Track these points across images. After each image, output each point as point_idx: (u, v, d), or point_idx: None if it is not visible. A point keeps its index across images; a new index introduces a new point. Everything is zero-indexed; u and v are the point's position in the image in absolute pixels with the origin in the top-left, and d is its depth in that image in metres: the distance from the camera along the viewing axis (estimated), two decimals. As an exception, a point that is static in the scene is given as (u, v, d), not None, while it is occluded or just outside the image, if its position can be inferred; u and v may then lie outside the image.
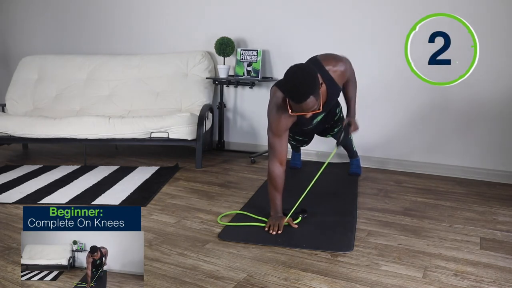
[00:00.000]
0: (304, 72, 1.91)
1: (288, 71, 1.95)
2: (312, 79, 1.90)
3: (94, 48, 4.38)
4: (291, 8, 3.53)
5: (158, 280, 1.66)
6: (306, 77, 1.89)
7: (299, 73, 1.91)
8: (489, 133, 3.06)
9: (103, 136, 3.29)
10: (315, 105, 1.95)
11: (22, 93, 4.09)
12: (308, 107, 1.93)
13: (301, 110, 1.97)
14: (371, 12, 3.27)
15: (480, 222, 2.28)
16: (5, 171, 3.19)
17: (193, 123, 3.30)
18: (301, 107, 1.93)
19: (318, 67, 2.10)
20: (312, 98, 1.90)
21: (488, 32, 2.89)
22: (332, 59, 2.19)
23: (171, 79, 3.83)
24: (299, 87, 1.88)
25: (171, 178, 3.04)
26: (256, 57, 3.63)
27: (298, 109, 1.97)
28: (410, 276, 1.71)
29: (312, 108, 1.95)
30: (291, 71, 1.93)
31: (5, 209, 2.42)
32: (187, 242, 2.01)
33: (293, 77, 1.91)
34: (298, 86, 1.88)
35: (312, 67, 1.99)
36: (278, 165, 2.18)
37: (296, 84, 1.89)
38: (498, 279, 1.69)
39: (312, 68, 1.98)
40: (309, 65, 2.01)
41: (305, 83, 1.88)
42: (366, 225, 2.22)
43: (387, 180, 3.06)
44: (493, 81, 2.98)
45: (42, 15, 4.65)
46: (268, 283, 1.65)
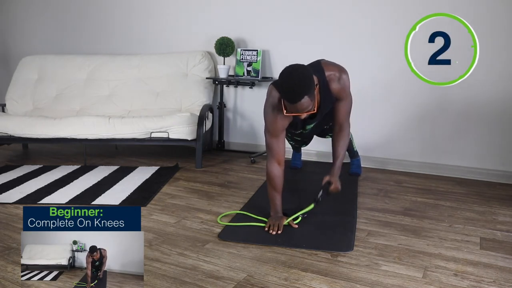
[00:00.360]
0: (299, 72, 1.91)
1: (283, 71, 1.94)
2: (307, 79, 1.90)
3: (94, 48, 4.38)
4: (291, 8, 3.53)
5: (158, 280, 1.66)
6: (301, 77, 1.89)
7: (294, 73, 1.91)
8: (489, 133, 3.06)
9: (103, 136, 3.29)
10: (309, 105, 1.94)
11: (22, 93, 4.09)
12: (303, 107, 1.92)
13: (295, 110, 1.95)
14: (371, 12, 3.27)
15: (480, 222, 2.28)
16: (5, 171, 3.19)
17: (193, 123, 3.30)
18: (296, 107, 1.92)
19: (317, 69, 2.09)
20: (307, 98, 1.89)
21: (488, 32, 2.89)
22: (334, 67, 2.17)
23: (171, 79, 3.83)
24: (294, 87, 1.87)
25: (171, 178, 3.04)
26: (256, 57, 3.63)
27: (293, 110, 1.96)
28: (410, 276, 1.71)
29: (307, 108, 1.94)
30: (287, 71, 1.93)
31: (5, 209, 2.42)
32: (187, 242, 2.01)
33: (289, 77, 1.90)
34: (293, 86, 1.88)
35: (307, 68, 1.97)
36: (276, 165, 2.18)
37: (291, 84, 1.88)
38: (498, 279, 1.69)
39: (307, 68, 1.96)
40: (305, 66, 1.99)
41: (300, 83, 1.87)
42: (366, 225, 2.22)
43: (387, 180, 3.06)
44: (493, 81, 2.98)
45: (42, 15, 4.65)
46: (268, 283, 1.65)
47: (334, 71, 2.14)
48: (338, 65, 2.20)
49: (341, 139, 2.30)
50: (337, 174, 2.27)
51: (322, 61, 2.19)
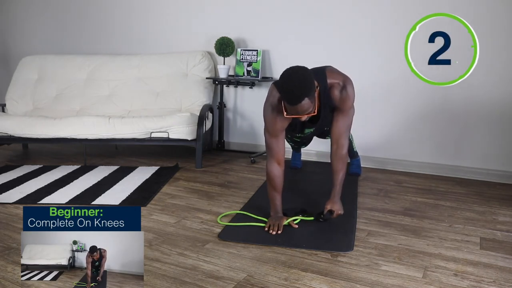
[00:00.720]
0: (299, 74, 1.91)
1: (284, 73, 1.95)
2: (308, 82, 1.90)
3: (94, 48, 4.38)
4: (291, 8, 3.53)
5: (158, 280, 1.66)
6: (301, 79, 1.89)
7: (295, 75, 1.91)
8: (489, 134, 3.06)
9: (103, 136, 3.29)
10: (310, 107, 1.94)
11: (22, 93, 4.09)
12: (303, 109, 1.92)
13: (295, 112, 1.95)
14: (371, 12, 3.27)
15: (480, 222, 2.28)
16: (5, 171, 3.19)
17: (193, 123, 3.30)
18: (296, 109, 1.92)
19: (320, 74, 2.09)
20: (307, 100, 1.89)
21: (488, 32, 2.89)
22: (338, 75, 2.15)
23: (171, 79, 3.83)
24: (294, 89, 1.88)
25: (171, 178, 3.04)
26: (256, 57, 3.63)
27: (293, 112, 1.96)
28: (410, 276, 1.71)
29: (307, 110, 1.94)
30: (287, 73, 1.94)
31: (5, 209, 2.41)
32: (187, 242, 2.01)
33: (289, 79, 1.91)
34: (293, 88, 1.88)
35: (308, 70, 1.97)
36: (276, 165, 2.18)
37: (291, 86, 1.88)
38: (498, 279, 1.69)
39: (308, 71, 1.96)
40: (305, 68, 1.99)
41: (301, 85, 1.88)
42: (366, 225, 2.22)
43: (387, 180, 3.06)
44: (493, 81, 2.98)
45: (42, 15, 4.65)
46: (268, 283, 1.64)
47: (338, 80, 2.13)
48: (343, 74, 2.18)
49: (339, 160, 2.20)
50: (338, 198, 2.20)
51: (328, 68, 2.18)
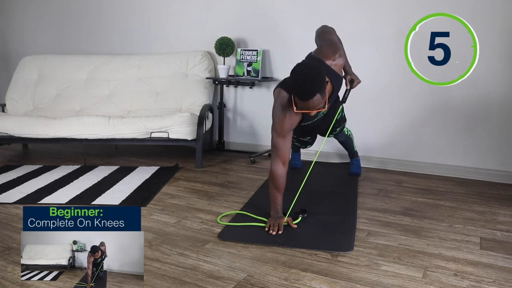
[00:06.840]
0: (311, 70, 1.93)
1: (295, 69, 1.97)
2: (320, 77, 1.93)
3: (94, 48, 4.39)
4: (291, 8, 3.53)
5: (158, 280, 1.66)
6: (314, 75, 1.92)
7: (307, 71, 1.93)
8: (489, 133, 3.06)
9: (103, 136, 3.29)
10: (320, 103, 1.98)
11: (22, 93, 4.09)
12: (314, 105, 1.96)
13: (306, 107, 1.99)
14: (371, 12, 3.27)
15: (480, 222, 2.28)
16: (5, 171, 3.19)
17: (193, 123, 3.30)
18: (307, 104, 1.96)
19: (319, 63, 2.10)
20: (319, 96, 1.93)
21: (488, 32, 2.89)
22: (330, 53, 2.18)
23: (171, 79, 3.83)
24: (306, 85, 1.90)
25: (171, 178, 3.04)
26: (256, 57, 3.63)
27: (304, 107, 1.99)
28: (410, 276, 1.71)
29: (317, 106, 1.98)
30: (299, 69, 1.95)
31: (5, 209, 2.42)
32: (187, 242, 2.01)
33: (301, 75, 1.93)
34: (305, 84, 1.90)
35: (318, 65, 2.01)
36: (281, 165, 2.19)
37: (303, 82, 1.91)
38: (498, 279, 1.69)
39: (318, 66, 2.00)
40: (316, 64, 2.02)
41: (313, 81, 1.91)
42: (366, 225, 2.22)
43: (387, 180, 3.06)
44: (493, 81, 2.98)
45: (42, 15, 4.65)
46: (268, 283, 1.65)
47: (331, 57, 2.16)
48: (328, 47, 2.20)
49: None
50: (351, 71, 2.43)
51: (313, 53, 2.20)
